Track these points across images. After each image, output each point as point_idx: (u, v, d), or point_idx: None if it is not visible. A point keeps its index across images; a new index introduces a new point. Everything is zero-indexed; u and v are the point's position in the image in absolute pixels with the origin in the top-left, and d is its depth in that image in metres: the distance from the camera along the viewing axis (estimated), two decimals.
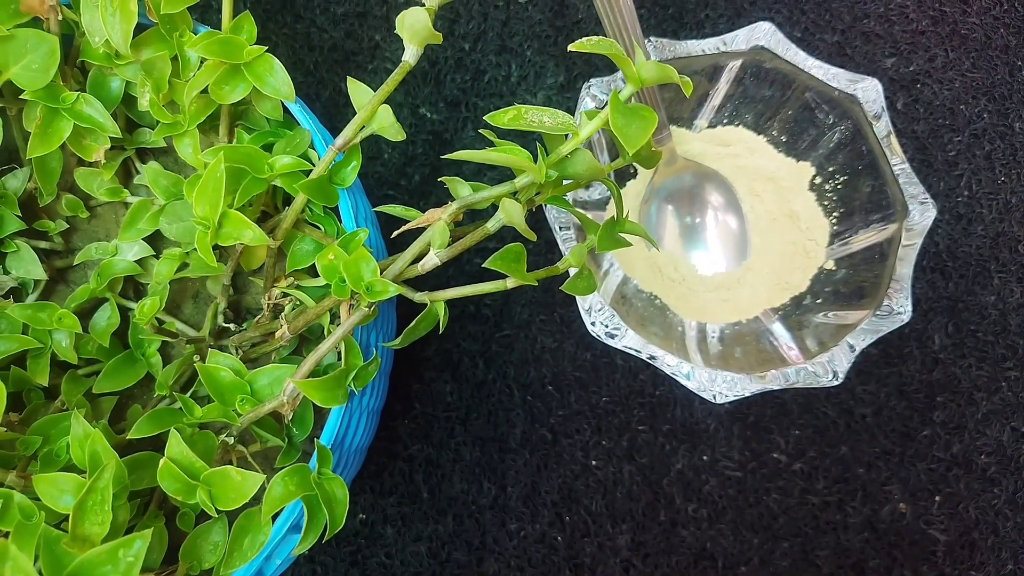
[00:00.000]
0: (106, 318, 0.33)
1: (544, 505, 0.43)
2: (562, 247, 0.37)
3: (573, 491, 0.43)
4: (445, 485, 0.43)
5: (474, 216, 0.46)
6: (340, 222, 0.32)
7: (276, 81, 0.30)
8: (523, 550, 0.43)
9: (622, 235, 0.31)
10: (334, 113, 0.48)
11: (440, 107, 0.48)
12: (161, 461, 0.26)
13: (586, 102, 0.39)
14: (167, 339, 0.33)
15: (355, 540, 0.43)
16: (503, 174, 0.47)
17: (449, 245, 0.28)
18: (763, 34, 0.39)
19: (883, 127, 0.38)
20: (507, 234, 0.44)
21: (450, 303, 0.45)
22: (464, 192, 0.29)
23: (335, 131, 0.30)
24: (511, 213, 0.27)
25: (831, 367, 0.36)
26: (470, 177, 0.36)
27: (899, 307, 0.36)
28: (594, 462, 0.44)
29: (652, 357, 0.36)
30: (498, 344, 0.45)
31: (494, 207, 0.29)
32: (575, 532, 0.43)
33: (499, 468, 0.44)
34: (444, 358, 0.45)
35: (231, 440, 0.29)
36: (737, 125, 0.44)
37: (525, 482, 0.43)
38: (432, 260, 0.28)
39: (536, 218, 0.45)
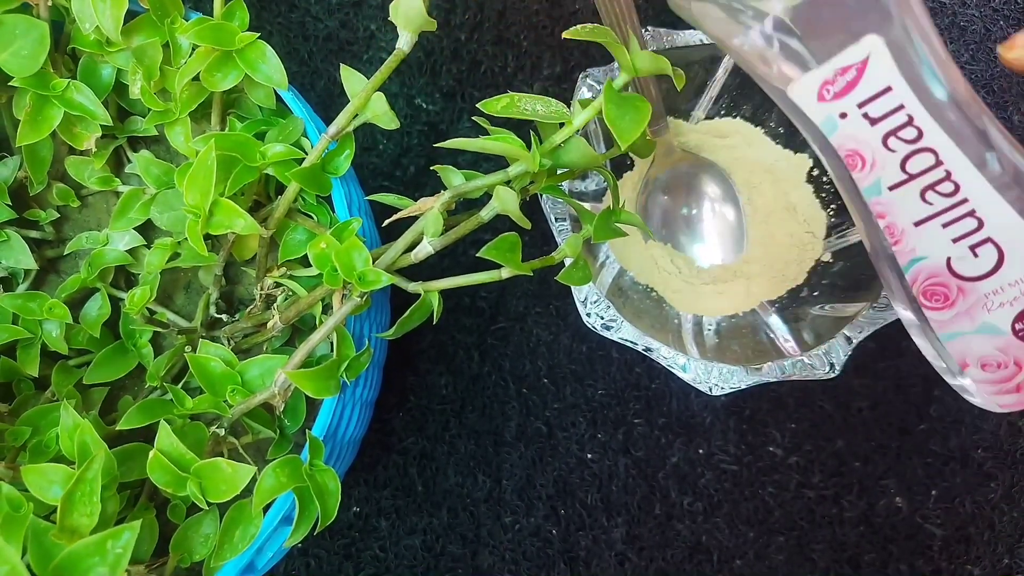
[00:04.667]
0: (97, 308, 0.32)
1: (539, 498, 0.43)
2: (558, 238, 0.37)
3: (568, 484, 0.43)
4: (440, 478, 0.43)
5: (469, 207, 0.45)
6: (333, 212, 0.31)
7: (268, 68, 0.29)
8: (518, 543, 0.42)
9: (618, 225, 0.31)
10: (329, 104, 0.47)
11: (436, 98, 0.48)
12: (151, 453, 0.26)
13: (582, 92, 0.39)
14: (158, 330, 0.32)
15: (349, 533, 0.43)
16: (499, 164, 0.46)
17: (443, 234, 0.28)
18: None
19: None
20: (502, 226, 0.44)
21: (445, 295, 0.45)
22: (456, 181, 0.28)
23: (330, 121, 0.29)
24: (505, 200, 0.26)
25: (828, 359, 0.35)
26: (466, 168, 0.36)
27: None
28: (589, 455, 0.43)
29: (648, 349, 0.35)
30: (493, 337, 0.45)
31: (488, 197, 0.29)
32: (570, 525, 0.43)
33: (494, 461, 0.43)
34: (439, 350, 0.45)
35: (222, 431, 0.29)
36: (735, 116, 0.44)
37: (520, 475, 0.43)
38: (426, 248, 0.28)
39: (532, 210, 0.45)
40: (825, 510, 0.43)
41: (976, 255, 0.27)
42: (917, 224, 0.27)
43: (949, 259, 0.27)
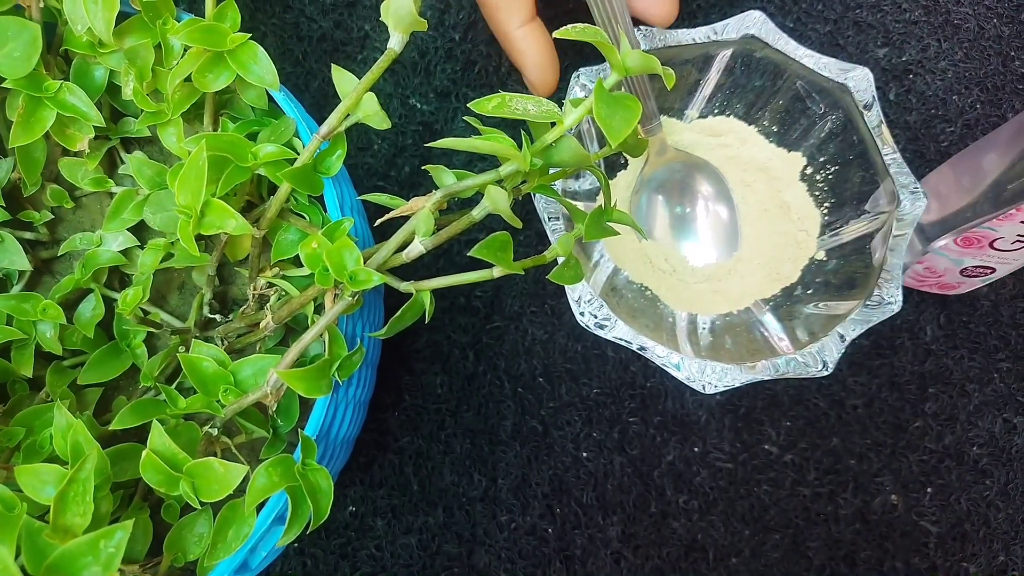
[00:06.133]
0: (91, 309, 0.33)
1: (535, 497, 0.43)
2: (551, 237, 0.37)
3: (564, 483, 0.43)
4: (435, 477, 0.43)
5: (463, 206, 0.45)
6: (325, 212, 0.31)
7: (260, 69, 0.30)
8: (514, 542, 0.42)
9: (610, 224, 0.31)
10: (323, 104, 0.48)
11: (430, 98, 0.48)
12: (143, 453, 0.26)
13: (575, 91, 0.39)
14: (152, 330, 0.32)
15: (345, 532, 0.43)
16: (493, 164, 0.46)
17: (434, 233, 0.28)
18: (754, 23, 0.39)
19: (874, 117, 0.38)
20: (496, 226, 0.44)
21: (440, 295, 0.45)
22: (448, 180, 0.28)
23: (323, 122, 0.30)
24: (496, 200, 0.26)
25: (821, 357, 0.35)
26: (460, 168, 0.36)
27: (890, 297, 0.36)
28: (585, 454, 0.43)
29: (642, 348, 0.36)
30: (488, 336, 0.45)
31: (481, 197, 0.29)
32: (566, 524, 0.43)
33: (489, 460, 0.43)
34: (434, 350, 0.45)
35: (215, 431, 0.29)
36: (728, 115, 0.44)
37: (516, 474, 0.43)
38: (417, 248, 0.28)
39: (526, 209, 0.45)
40: (820, 508, 0.43)
41: None
42: None
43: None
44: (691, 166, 0.43)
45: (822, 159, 0.41)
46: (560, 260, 0.31)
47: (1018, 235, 0.37)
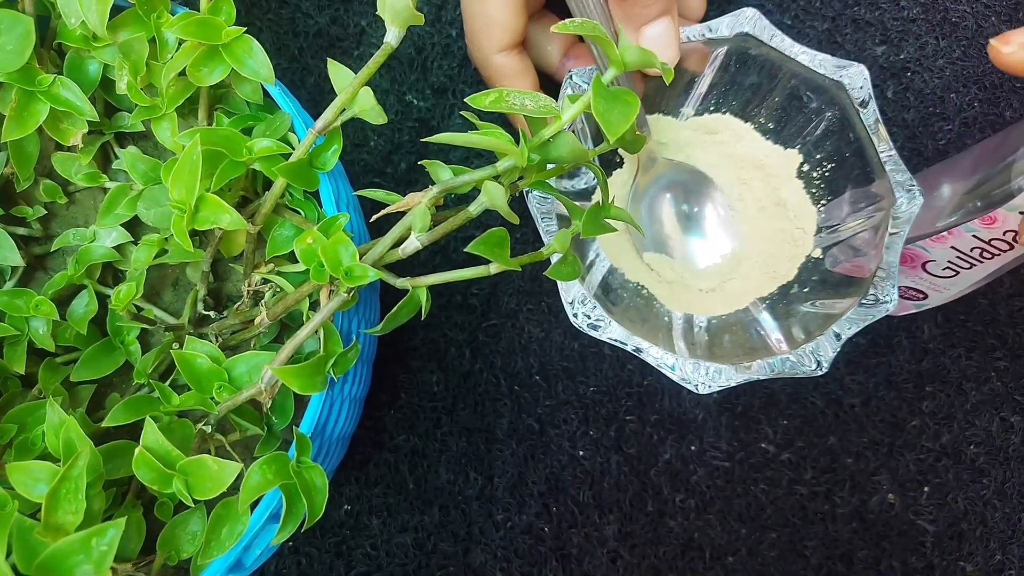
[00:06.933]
0: (84, 305, 0.32)
1: (531, 495, 0.43)
2: (544, 237, 0.37)
3: (560, 481, 0.43)
4: (431, 475, 0.43)
5: (460, 202, 0.45)
6: (321, 207, 0.31)
7: (255, 63, 0.29)
8: (510, 541, 0.42)
9: (607, 222, 0.31)
10: (319, 100, 0.47)
11: (427, 94, 0.47)
12: (136, 450, 0.26)
13: (567, 91, 0.38)
14: (146, 327, 0.32)
15: (340, 531, 0.43)
16: (490, 160, 0.46)
17: (431, 229, 0.28)
18: (747, 20, 0.39)
19: (870, 114, 0.38)
20: (493, 222, 0.44)
21: (436, 292, 0.44)
22: (445, 176, 0.28)
23: (319, 117, 0.29)
24: (493, 196, 0.26)
25: (816, 356, 0.35)
26: (457, 164, 0.35)
27: (885, 296, 0.36)
28: (581, 452, 0.43)
29: (637, 349, 0.35)
30: (485, 333, 0.45)
31: (478, 193, 0.28)
32: (562, 523, 0.42)
33: (486, 458, 0.43)
34: (430, 347, 0.45)
35: (209, 428, 0.29)
36: (724, 112, 0.43)
37: (512, 472, 0.43)
38: (413, 244, 0.28)
39: (523, 206, 0.45)
40: (817, 506, 0.42)
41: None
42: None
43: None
44: (682, 173, 0.42)
45: (818, 156, 0.41)
46: (556, 257, 0.31)
47: (949, 261, 0.37)
